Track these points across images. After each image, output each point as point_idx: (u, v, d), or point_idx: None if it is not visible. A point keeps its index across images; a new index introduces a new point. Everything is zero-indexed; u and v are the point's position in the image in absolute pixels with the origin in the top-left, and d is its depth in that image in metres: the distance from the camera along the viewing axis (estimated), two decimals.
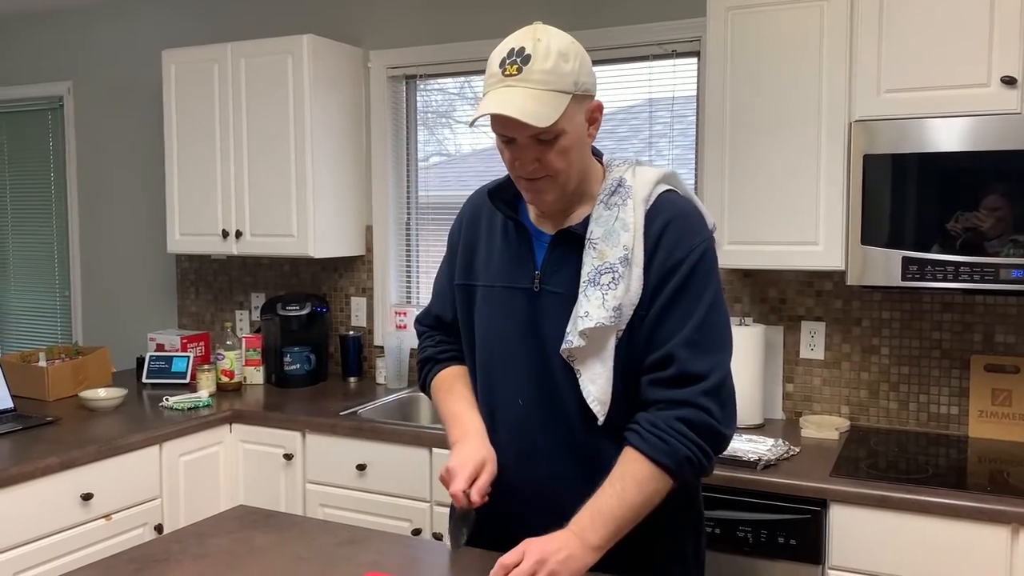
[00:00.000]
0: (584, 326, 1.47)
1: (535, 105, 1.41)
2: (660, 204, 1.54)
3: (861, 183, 2.36)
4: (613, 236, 1.50)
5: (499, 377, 1.62)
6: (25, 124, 4.41)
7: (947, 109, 2.29)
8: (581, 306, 1.49)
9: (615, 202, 1.53)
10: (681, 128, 3.01)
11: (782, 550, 2.23)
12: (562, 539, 1.39)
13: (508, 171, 1.56)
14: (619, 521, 1.41)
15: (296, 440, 2.92)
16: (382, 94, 3.48)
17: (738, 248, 2.56)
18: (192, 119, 3.45)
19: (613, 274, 1.48)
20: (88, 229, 4.23)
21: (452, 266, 1.74)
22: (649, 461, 1.42)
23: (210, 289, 3.91)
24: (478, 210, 1.71)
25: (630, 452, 1.45)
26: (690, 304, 1.48)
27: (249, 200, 3.35)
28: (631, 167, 1.58)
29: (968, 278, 2.25)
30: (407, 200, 3.57)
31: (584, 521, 1.41)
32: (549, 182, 1.50)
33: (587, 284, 1.49)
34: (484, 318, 1.64)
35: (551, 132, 1.44)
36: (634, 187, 1.54)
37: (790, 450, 2.43)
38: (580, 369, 1.51)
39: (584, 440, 1.53)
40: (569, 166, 1.49)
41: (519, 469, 1.58)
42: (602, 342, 1.49)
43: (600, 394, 1.49)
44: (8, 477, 2.32)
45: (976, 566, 2.05)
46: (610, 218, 1.52)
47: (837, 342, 2.79)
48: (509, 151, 1.50)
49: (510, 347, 1.59)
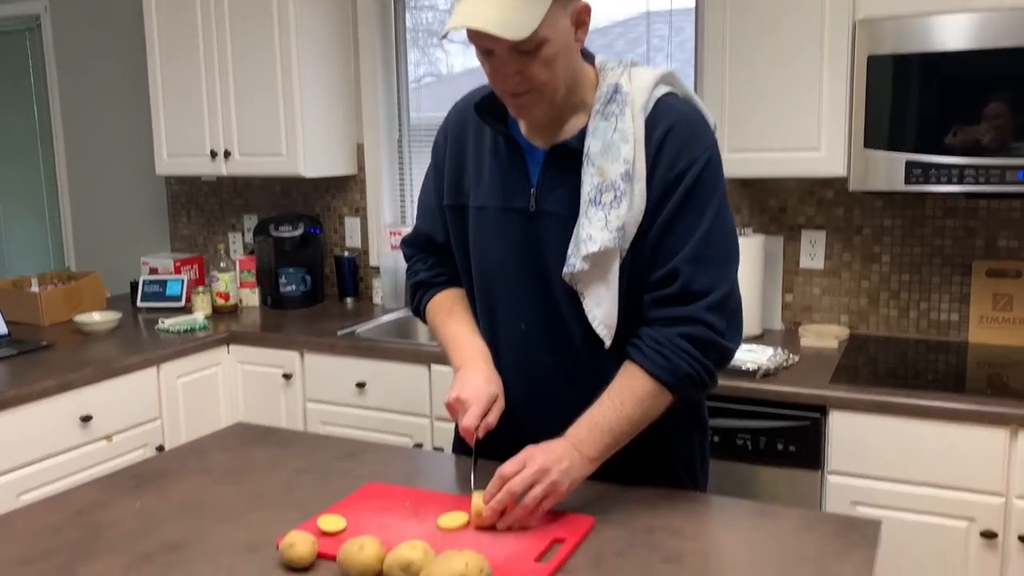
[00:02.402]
0: (588, 250, 1.40)
1: (510, 13, 1.29)
2: (660, 110, 1.45)
3: (865, 86, 2.29)
4: (612, 149, 1.41)
5: (499, 302, 1.56)
6: (2, 47, 4.28)
7: (953, 5, 2.21)
8: (583, 228, 1.42)
9: (612, 111, 1.43)
10: (679, 41, 2.91)
11: (782, 457, 2.25)
12: (562, 449, 1.37)
13: (490, 85, 1.45)
14: (616, 434, 1.39)
15: (295, 360, 2.91)
16: (369, 12, 3.37)
17: (738, 156, 2.50)
18: (175, 38, 3.33)
19: (615, 192, 1.40)
20: (75, 154, 4.14)
21: (439, 183, 1.64)
22: (649, 376, 1.39)
23: (201, 212, 3.85)
24: (463, 121, 1.61)
25: (631, 366, 1.42)
26: (695, 217, 1.41)
27: (236, 119, 3.26)
28: (626, 70, 1.48)
29: (973, 181, 2.21)
30: (398, 120, 3.49)
31: (582, 433, 1.39)
32: (535, 96, 1.39)
33: (588, 204, 1.42)
34: (479, 241, 1.57)
35: (532, 42, 1.32)
36: (631, 93, 1.44)
37: (789, 359, 2.43)
38: (584, 293, 1.45)
39: (589, 363, 1.49)
40: (555, 77, 1.38)
41: (522, 394, 1.54)
42: (607, 265, 1.42)
43: (605, 318, 1.44)
44: (6, 400, 2.32)
45: (975, 468, 2.06)
46: (607, 129, 1.43)
47: (837, 251, 2.76)
48: (489, 64, 1.39)
49: (508, 271, 1.53)
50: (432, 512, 1.39)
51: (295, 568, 1.25)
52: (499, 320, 1.57)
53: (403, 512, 1.41)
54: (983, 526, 2.06)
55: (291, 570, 1.25)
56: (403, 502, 1.45)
